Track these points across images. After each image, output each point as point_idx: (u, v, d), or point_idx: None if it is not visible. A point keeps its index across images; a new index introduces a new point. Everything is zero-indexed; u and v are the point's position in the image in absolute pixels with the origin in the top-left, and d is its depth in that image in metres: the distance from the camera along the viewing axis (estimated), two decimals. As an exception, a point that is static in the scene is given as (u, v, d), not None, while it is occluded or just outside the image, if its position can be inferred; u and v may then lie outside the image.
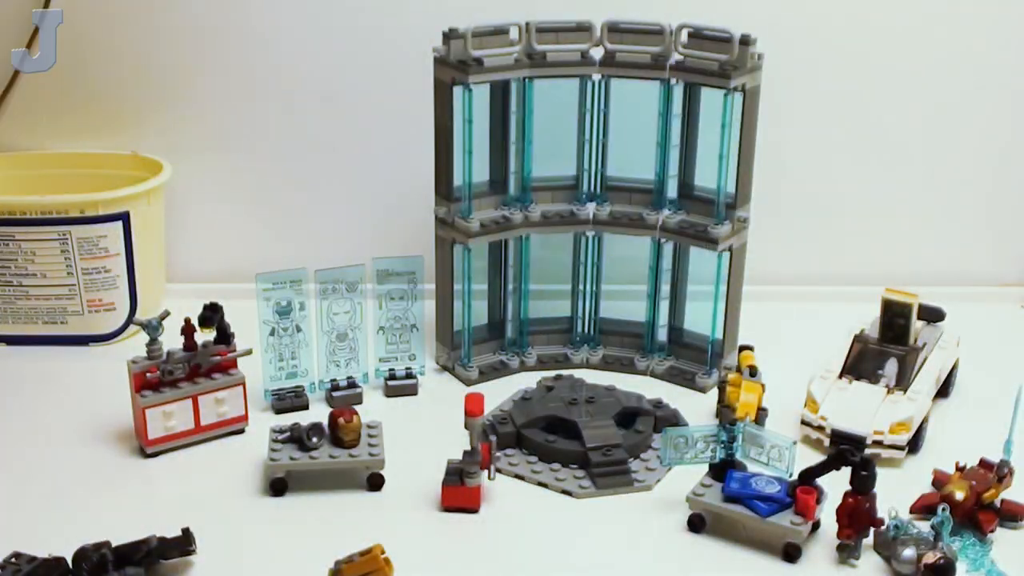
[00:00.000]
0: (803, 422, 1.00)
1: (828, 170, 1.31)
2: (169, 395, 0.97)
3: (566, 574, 0.84)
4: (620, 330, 1.18)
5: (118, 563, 0.79)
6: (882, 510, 0.83)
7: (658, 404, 1.03)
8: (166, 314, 0.99)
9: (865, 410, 0.98)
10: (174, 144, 1.27)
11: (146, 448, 0.97)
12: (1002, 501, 0.89)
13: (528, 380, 1.10)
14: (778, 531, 0.84)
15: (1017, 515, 0.88)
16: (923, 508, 0.88)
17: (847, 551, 0.83)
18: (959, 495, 0.86)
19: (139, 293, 1.19)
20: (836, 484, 0.85)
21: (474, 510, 0.90)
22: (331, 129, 1.28)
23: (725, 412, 0.95)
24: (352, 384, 1.07)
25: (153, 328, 0.97)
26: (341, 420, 0.92)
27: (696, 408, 1.05)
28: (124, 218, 1.15)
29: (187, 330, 0.98)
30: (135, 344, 1.14)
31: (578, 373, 1.10)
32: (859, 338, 1.05)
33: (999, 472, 0.89)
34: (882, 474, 0.85)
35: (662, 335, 1.16)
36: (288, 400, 1.05)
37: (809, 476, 0.85)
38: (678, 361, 1.15)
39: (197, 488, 0.93)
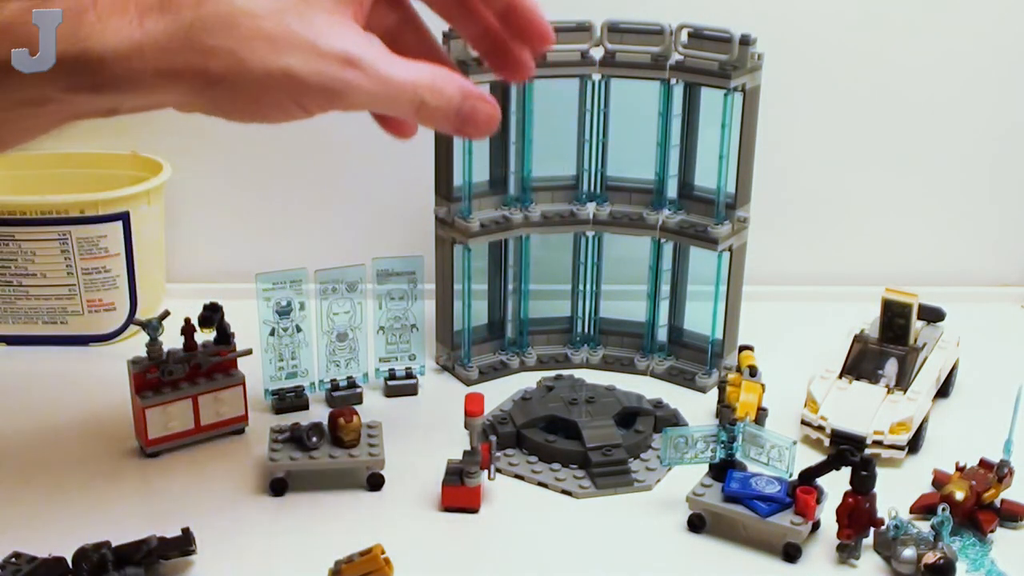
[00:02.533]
0: (803, 422, 1.00)
1: (828, 170, 1.31)
2: (169, 395, 0.97)
3: (566, 574, 0.84)
4: (620, 330, 1.18)
5: (118, 563, 0.79)
6: (882, 510, 0.83)
7: (658, 404, 1.03)
8: (166, 314, 0.99)
9: (865, 410, 0.98)
10: (174, 144, 1.27)
11: (146, 448, 0.97)
12: (1002, 501, 0.89)
13: (528, 380, 1.10)
14: (778, 531, 0.84)
15: (1017, 515, 0.88)
16: (923, 508, 0.88)
17: (847, 551, 0.83)
18: (959, 495, 0.86)
19: (139, 293, 1.19)
20: (836, 484, 0.85)
21: (474, 510, 0.90)
22: (331, 129, 1.28)
23: (725, 412, 0.95)
24: (352, 384, 1.07)
25: (153, 328, 0.97)
26: (341, 420, 0.92)
27: (696, 408, 1.05)
28: (124, 218, 1.15)
29: (187, 330, 0.98)
30: (135, 344, 1.14)
31: (578, 373, 1.10)
32: (859, 338, 1.05)
33: (999, 472, 0.89)
34: (882, 474, 0.85)
35: (662, 335, 1.16)
36: (288, 400, 1.05)
37: (809, 476, 0.85)
38: (678, 361, 1.15)
39: (197, 488, 0.93)
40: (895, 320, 1.04)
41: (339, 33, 0.64)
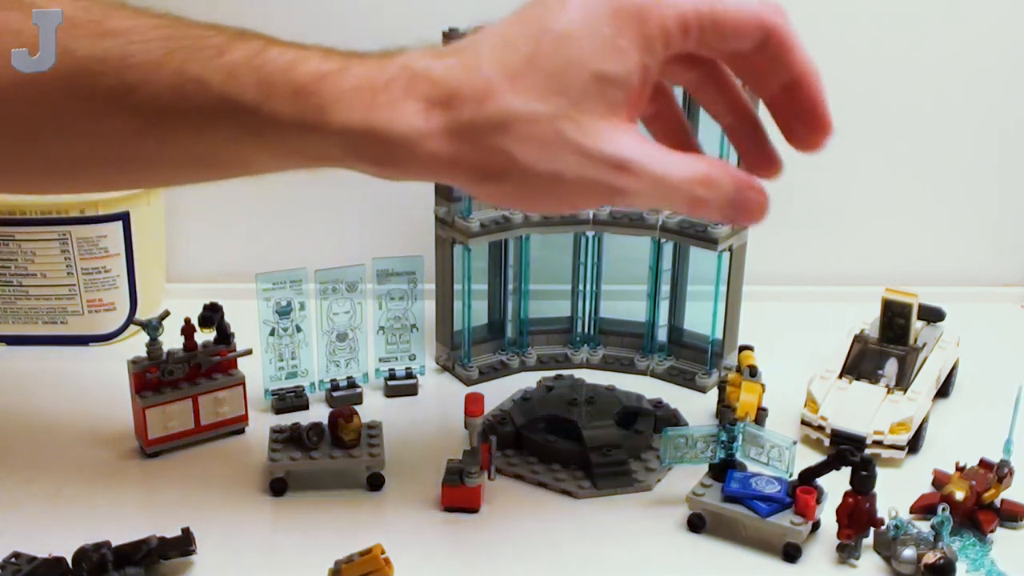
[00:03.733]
0: (803, 422, 1.00)
1: (828, 170, 1.30)
2: (169, 395, 0.97)
3: (566, 574, 0.84)
4: (620, 330, 1.18)
5: (118, 563, 0.79)
6: (882, 510, 0.83)
7: (658, 404, 1.03)
8: (166, 314, 0.99)
9: (865, 410, 0.98)
10: (174, 144, 1.27)
11: (146, 448, 0.97)
12: (1002, 501, 0.89)
13: (528, 380, 1.10)
14: (778, 531, 0.84)
15: (1017, 515, 0.88)
16: (923, 508, 0.88)
17: (847, 551, 0.83)
18: (959, 495, 0.86)
19: (139, 293, 1.19)
20: (836, 484, 0.85)
21: (474, 510, 0.90)
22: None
23: (725, 412, 0.95)
24: (352, 384, 1.07)
25: (153, 328, 0.97)
26: (341, 420, 0.92)
27: (696, 408, 1.06)
28: (124, 218, 1.15)
29: (187, 330, 0.98)
30: (135, 344, 1.14)
31: (578, 373, 1.10)
32: (859, 338, 1.05)
33: (999, 472, 0.89)
34: (882, 474, 0.85)
35: (662, 335, 1.16)
36: (288, 400, 1.05)
37: (809, 476, 0.85)
38: (678, 361, 1.15)
39: (197, 488, 0.93)
40: (895, 320, 1.04)
41: (611, 138, 0.67)
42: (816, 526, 0.86)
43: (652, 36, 0.66)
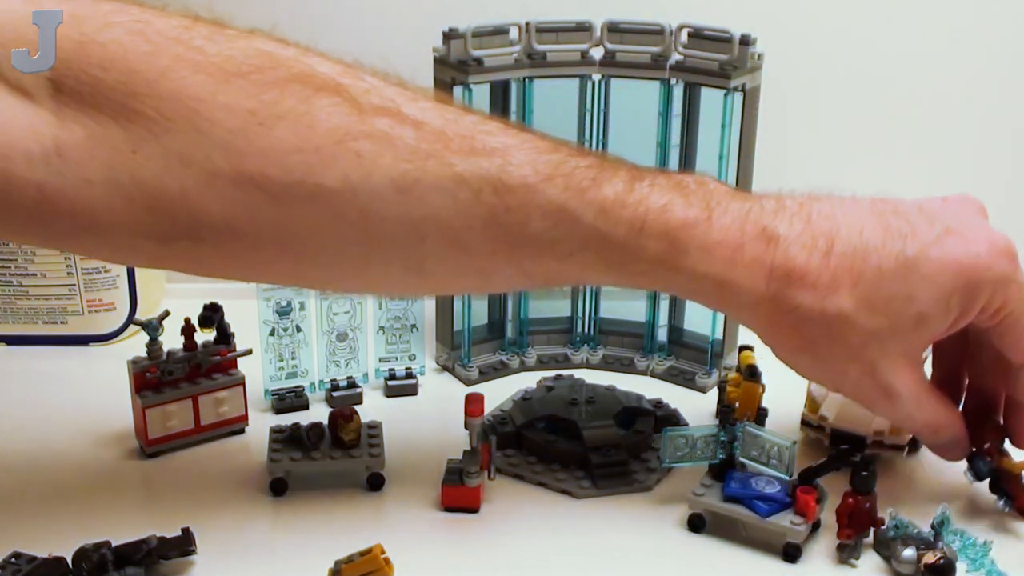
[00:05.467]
0: (803, 422, 1.00)
1: (828, 170, 1.30)
2: (169, 395, 0.97)
3: (566, 574, 0.84)
4: (620, 330, 1.18)
5: (118, 563, 0.79)
6: (882, 510, 0.83)
7: (658, 404, 1.03)
8: (166, 314, 0.99)
9: (865, 410, 0.97)
10: (174, 144, 1.27)
11: (146, 448, 0.97)
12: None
13: (528, 380, 1.10)
14: (778, 531, 0.84)
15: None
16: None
17: (847, 551, 0.83)
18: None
19: (139, 293, 1.19)
20: (836, 484, 0.85)
21: (474, 510, 0.90)
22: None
23: (725, 412, 0.95)
24: (352, 384, 1.07)
25: (153, 328, 0.97)
26: (341, 420, 0.92)
27: (696, 408, 1.05)
28: (124, 218, 1.15)
29: (187, 330, 0.98)
30: (135, 344, 1.14)
31: (578, 373, 1.10)
32: (859, 338, 1.05)
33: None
34: (882, 474, 0.85)
35: (662, 335, 1.16)
36: (288, 400, 1.05)
37: (809, 476, 0.85)
38: (678, 361, 1.15)
39: (197, 488, 0.93)
40: (895, 320, 1.04)
41: (898, 371, 0.79)
42: (816, 526, 0.86)
43: (974, 306, 0.77)
